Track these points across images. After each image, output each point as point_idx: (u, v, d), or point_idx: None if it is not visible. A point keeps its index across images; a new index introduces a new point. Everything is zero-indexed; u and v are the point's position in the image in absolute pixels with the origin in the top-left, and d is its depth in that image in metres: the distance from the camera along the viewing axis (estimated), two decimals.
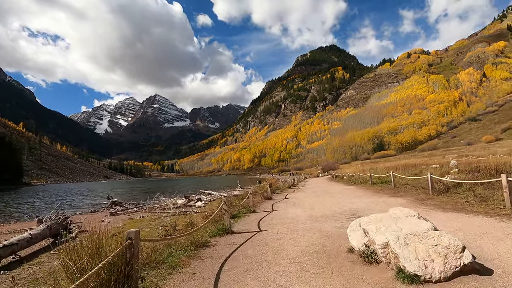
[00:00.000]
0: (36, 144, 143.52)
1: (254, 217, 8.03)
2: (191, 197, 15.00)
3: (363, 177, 19.35)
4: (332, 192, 14.57)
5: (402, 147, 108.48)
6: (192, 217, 7.60)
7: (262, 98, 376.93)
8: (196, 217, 7.90)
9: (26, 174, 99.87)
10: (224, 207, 6.00)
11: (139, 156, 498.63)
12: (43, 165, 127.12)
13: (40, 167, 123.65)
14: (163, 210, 11.40)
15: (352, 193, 12.84)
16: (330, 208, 8.56)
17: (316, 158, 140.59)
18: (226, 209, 6.01)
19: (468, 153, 43.43)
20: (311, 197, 12.80)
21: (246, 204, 9.54)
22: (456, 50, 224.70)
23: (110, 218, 10.67)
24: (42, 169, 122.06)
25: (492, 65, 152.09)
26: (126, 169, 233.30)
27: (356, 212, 7.41)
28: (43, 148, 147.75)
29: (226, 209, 6.01)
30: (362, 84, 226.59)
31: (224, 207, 6.00)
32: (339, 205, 9.07)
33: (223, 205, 6.01)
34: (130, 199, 20.74)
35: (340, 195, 12.31)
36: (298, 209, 9.07)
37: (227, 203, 6.12)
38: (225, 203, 6.03)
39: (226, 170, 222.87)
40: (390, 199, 9.63)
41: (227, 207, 6.03)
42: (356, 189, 15.12)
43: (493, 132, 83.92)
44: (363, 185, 16.93)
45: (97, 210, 14.02)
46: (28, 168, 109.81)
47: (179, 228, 5.83)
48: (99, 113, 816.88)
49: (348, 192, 13.84)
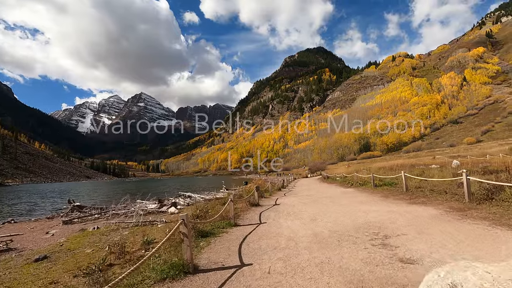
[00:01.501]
0: (11, 142, 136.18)
1: (234, 234, 6.04)
2: (166, 201, 13.49)
3: (361, 178, 17.62)
4: (331, 196, 12.66)
5: (387, 148, 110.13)
6: (154, 231, 6.48)
7: (250, 98, 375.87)
8: (159, 231, 6.58)
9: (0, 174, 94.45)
10: (182, 229, 3.78)
11: (124, 156, 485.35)
12: (19, 164, 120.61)
13: (15, 166, 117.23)
14: (128, 218, 9.85)
15: (356, 198, 11.00)
16: (337, 221, 6.65)
17: (303, 159, 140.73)
18: (186, 233, 3.77)
19: (453, 154, 44.10)
20: (307, 203, 10.80)
21: (225, 214, 7.55)
22: (438, 54, 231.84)
23: (59, 229, 9.11)
24: (17, 168, 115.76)
25: (472, 69, 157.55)
26: (109, 168, 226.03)
27: (380, 229, 5.42)
28: (19, 146, 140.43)
29: (186, 233, 3.77)
30: (349, 86, 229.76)
31: (183, 230, 3.78)
32: (349, 216, 7.15)
33: (182, 226, 3.80)
34: (101, 202, 18.97)
35: (343, 201, 10.51)
36: (295, 221, 7.12)
37: (191, 220, 4.29)
38: (185, 223, 3.76)
39: (213, 171, 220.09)
40: (412, 208, 7.58)
41: (187, 230, 3.79)
42: (357, 192, 13.20)
43: (474, 134, 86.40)
44: (362, 187, 15.17)
45: (56, 216, 12.33)
46: (2, 167, 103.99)
47: (129, 250, 4.50)
48: (81, 111, 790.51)
49: (350, 196, 11.91)
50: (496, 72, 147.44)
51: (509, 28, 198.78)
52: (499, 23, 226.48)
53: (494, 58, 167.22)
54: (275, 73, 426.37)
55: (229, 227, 6.81)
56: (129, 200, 12.59)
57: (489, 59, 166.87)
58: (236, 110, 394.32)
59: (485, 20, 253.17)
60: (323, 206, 9.46)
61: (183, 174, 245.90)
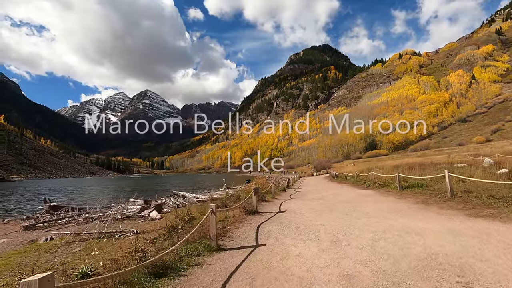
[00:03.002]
0: (17, 138, 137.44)
1: (212, 271, 3.73)
2: (153, 202, 12.36)
3: (380, 178, 14.70)
4: (348, 200, 10.13)
5: (394, 147, 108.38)
6: (110, 249, 4.93)
7: (254, 96, 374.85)
8: (119, 250, 4.65)
9: (4, 169, 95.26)
10: None
11: (129, 152, 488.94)
12: (24, 160, 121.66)
13: (21, 161, 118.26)
14: (101, 223, 8.58)
15: (383, 204, 8.52)
16: (376, 247, 4.25)
17: (308, 157, 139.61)
18: None
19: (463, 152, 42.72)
20: (321, 210, 8.34)
21: (205, 231, 5.17)
22: (446, 52, 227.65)
23: (12, 237, 7.92)
24: (23, 164, 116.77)
25: (481, 67, 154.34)
26: (113, 165, 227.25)
27: (464, 274, 3.09)
28: (25, 142, 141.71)
29: None
30: (354, 84, 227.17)
31: None
32: (391, 238, 4.70)
33: None
34: (92, 200, 18.30)
35: (368, 208, 8.08)
36: (309, 244, 4.74)
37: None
38: None
39: (217, 168, 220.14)
40: (485, 225, 5.10)
41: None
42: (380, 195, 10.65)
43: (483, 133, 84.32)
44: (384, 189, 12.53)
45: (30, 218, 11.17)
46: (8, 162, 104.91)
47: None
48: (88, 108, 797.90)
49: (373, 201, 9.40)
50: (506, 70, 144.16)
51: None
52: (509, 20, 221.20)
53: (504, 56, 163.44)
54: (280, 70, 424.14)
55: (208, 252, 4.49)
56: (115, 199, 11.79)
57: (499, 57, 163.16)
58: (241, 107, 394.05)
59: (494, 17, 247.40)
60: (343, 216, 7.08)
61: (187, 171, 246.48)
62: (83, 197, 22.88)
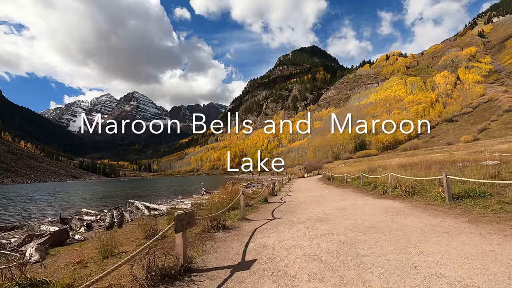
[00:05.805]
0: None
1: None
2: (72, 222, 9.08)
3: (400, 180, 10.03)
4: (378, 226, 5.20)
5: (383, 147, 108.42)
6: None
7: (244, 97, 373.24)
8: None
9: None
10: None
11: (116, 155, 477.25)
12: (0, 164, 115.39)
13: None
14: None
15: (431, 229, 4.66)
16: None
17: (298, 158, 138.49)
18: None
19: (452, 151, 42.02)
20: (334, 265, 3.29)
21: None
22: (431, 54, 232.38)
23: None
24: None
25: (465, 68, 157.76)
26: (99, 168, 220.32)
27: None
28: (2, 145, 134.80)
29: None
30: (343, 85, 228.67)
31: None
32: None
33: None
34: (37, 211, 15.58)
35: (448, 262, 3.10)
36: None
37: None
38: None
39: (206, 170, 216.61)
40: None
41: None
42: (429, 216, 5.69)
43: (471, 132, 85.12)
44: (415, 198, 8.11)
45: None
46: None
47: None
48: (73, 110, 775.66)
49: (434, 232, 4.43)
50: (489, 71, 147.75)
51: (500, 28, 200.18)
52: (490, 23, 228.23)
53: (486, 58, 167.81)
54: (269, 71, 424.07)
55: None
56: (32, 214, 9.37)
57: (482, 59, 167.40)
58: (230, 109, 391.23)
59: (477, 20, 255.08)
60: None
61: (175, 173, 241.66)
62: (25, 207, 17.28)
